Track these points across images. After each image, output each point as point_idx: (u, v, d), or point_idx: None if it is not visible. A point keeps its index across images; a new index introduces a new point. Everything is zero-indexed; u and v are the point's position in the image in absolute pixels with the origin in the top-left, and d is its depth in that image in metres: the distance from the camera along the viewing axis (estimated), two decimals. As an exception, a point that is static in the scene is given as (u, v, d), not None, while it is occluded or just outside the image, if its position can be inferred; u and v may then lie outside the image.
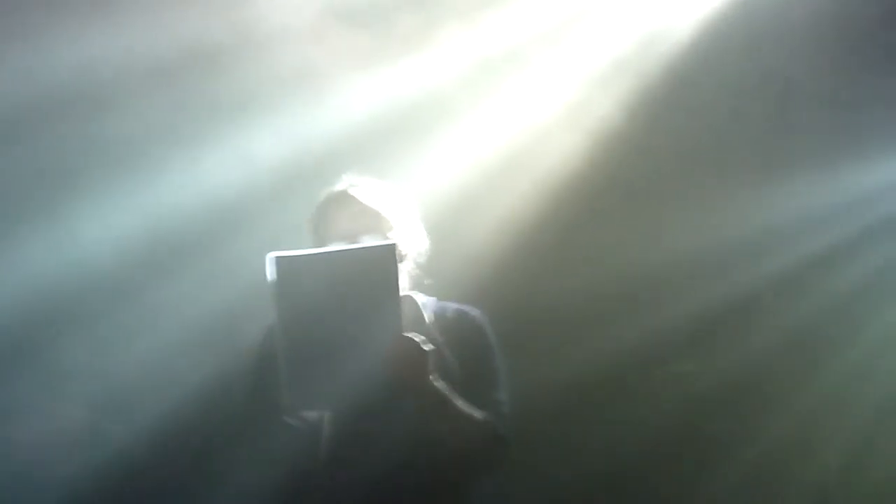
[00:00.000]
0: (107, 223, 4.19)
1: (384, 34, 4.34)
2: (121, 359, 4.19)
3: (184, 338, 4.14)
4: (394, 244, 2.70)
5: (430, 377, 2.74)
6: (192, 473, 4.04)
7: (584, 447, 4.37)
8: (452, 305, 3.05)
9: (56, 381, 4.18)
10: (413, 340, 2.71)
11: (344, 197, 2.98)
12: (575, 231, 4.42)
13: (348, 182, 3.03)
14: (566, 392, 4.35)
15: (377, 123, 4.23)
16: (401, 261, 2.88)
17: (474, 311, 3.05)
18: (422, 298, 3.02)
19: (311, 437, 2.80)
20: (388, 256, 2.66)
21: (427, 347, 2.72)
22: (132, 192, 4.20)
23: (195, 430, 4.07)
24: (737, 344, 4.44)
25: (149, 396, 4.16)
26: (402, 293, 2.84)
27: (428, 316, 2.97)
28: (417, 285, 3.04)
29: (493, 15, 4.39)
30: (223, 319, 4.09)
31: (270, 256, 2.60)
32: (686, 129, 4.50)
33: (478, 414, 2.85)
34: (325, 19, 4.31)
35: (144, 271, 4.24)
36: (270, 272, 2.59)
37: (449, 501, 2.91)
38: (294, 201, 3.26)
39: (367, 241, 2.82)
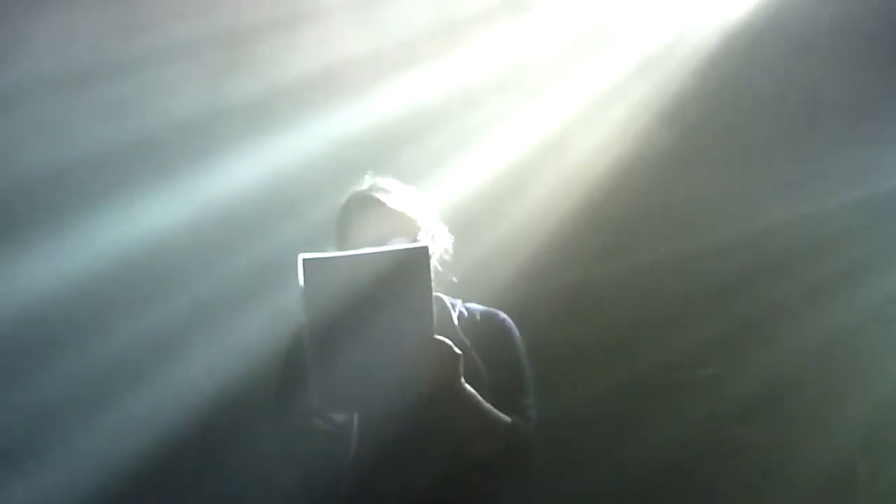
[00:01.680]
0: (127, 226, 4.19)
1: (407, 37, 4.31)
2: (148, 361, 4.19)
3: (212, 339, 4.14)
4: (426, 246, 2.68)
5: (460, 380, 2.72)
6: (220, 475, 4.04)
7: (610, 453, 4.34)
8: (479, 308, 3.04)
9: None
10: (445, 343, 2.69)
11: (369, 200, 2.94)
12: (600, 233, 4.40)
13: (370, 183, 3.00)
14: (594, 396, 4.33)
15: (400, 126, 4.22)
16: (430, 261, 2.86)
17: (502, 315, 3.03)
18: (448, 300, 3.01)
19: (340, 439, 2.77)
20: (420, 258, 2.63)
21: (458, 350, 2.70)
22: (152, 194, 4.20)
23: (223, 431, 4.06)
24: (768, 348, 4.41)
25: (176, 400, 4.16)
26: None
27: (455, 318, 2.96)
28: (442, 284, 3.01)
29: (516, 19, 4.38)
30: (251, 321, 4.07)
31: (300, 257, 2.58)
32: (712, 131, 4.47)
33: (505, 418, 2.83)
34: (347, 22, 4.29)
35: (167, 275, 4.24)
36: (299, 273, 2.57)
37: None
38: (319, 204, 3.24)
39: (398, 244, 2.80)
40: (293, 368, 2.80)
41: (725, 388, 4.37)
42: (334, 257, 2.65)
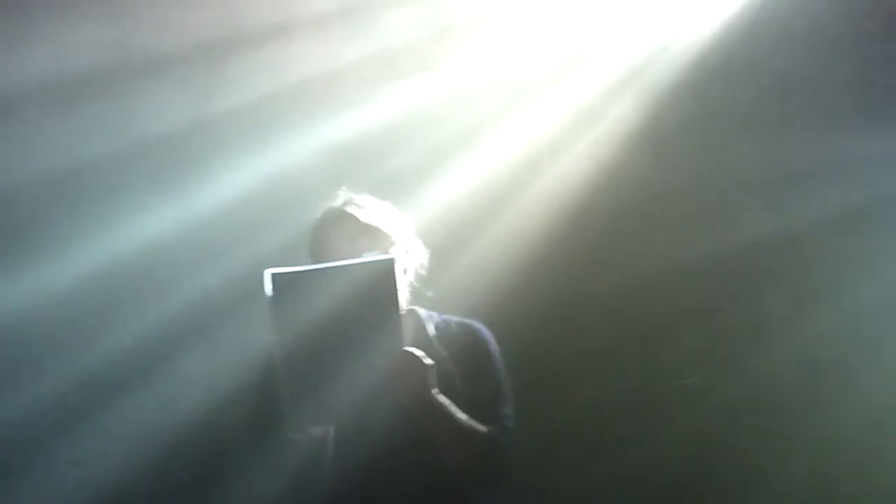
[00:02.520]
0: (111, 235, 4.21)
1: (396, 45, 4.33)
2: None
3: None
4: (393, 259, 2.70)
5: (433, 391, 2.74)
6: (197, 491, 4.04)
7: (594, 464, 4.34)
8: (455, 319, 3.05)
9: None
10: (414, 355, 2.71)
11: (342, 215, 2.96)
12: (587, 241, 4.40)
13: (344, 199, 3.02)
14: (577, 407, 4.33)
15: (376, 141, 4.23)
16: (402, 275, 2.87)
17: (478, 325, 3.05)
18: (424, 312, 3.02)
19: (315, 452, 2.79)
20: (387, 271, 2.65)
21: (428, 362, 2.72)
22: (134, 204, 4.22)
23: (199, 445, 4.07)
24: (751, 358, 4.41)
25: (168, 406, 4.19)
26: (404, 307, 2.86)
27: (431, 330, 2.97)
28: (419, 299, 3.03)
29: (505, 24, 4.37)
30: (228, 334, 4.09)
31: (267, 273, 2.60)
32: (701, 135, 4.47)
33: (481, 428, 2.84)
34: (336, 31, 4.31)
35: (146, 283, 4.25)
36: (267, 288, 2.59)
37: (453, 516, 2.89)
38: (295, 217, 3.25)
39: (367, 257, 2.81)
40: (267, 384, 2.81)
41: (709, 397, 4.36)
42: (301, 271, 2.66)
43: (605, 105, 4.38)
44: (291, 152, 4.21)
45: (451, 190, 4.23)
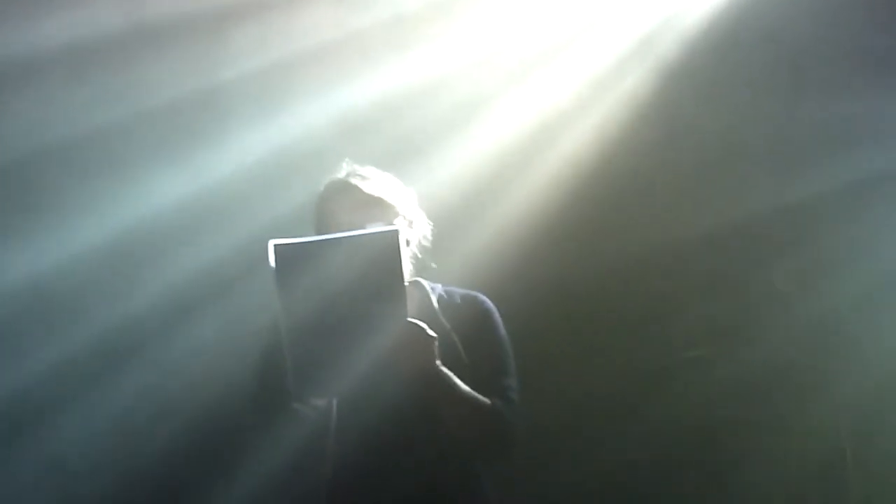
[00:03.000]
0: (103, 215, 4.21)
1: (404, 13, 4.31)
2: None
3: (194, 326, 4.17)
4: (397, 230, 2.68)
5: (436, 363, 2.74)
6: (202, 463, 4.06)
7: (602, 438, 4.35)
8: (459, 291, 3.05)
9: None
10: (418, 326, 2.71)
11: (345, 187, 2.95)
12: (590, 217, 4.38)
13: (348, 170, 3.01)
14: (583, 381, 4.34)
15: (384, 111, 4.22)
16: (405, 246, 2.86)
17: (481, 297, 3.04)
18: (428, 284, 3.02)
19: (319, 424, 2.79)
20: (391, 242, 2.64)
21: (432, 333, 2.71)
22: (127, 182, 4.22)
23: (204, 416, 4.08)
24: (759, 331, 4.40)
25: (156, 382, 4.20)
26: (408, 279, 2.86)
27: (434, 302, 2.97)
28: (422, 271, 3.03)
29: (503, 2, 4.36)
30: (229, 307, 4.10)
31: (271, 244, 2.60)
32: (712, 105, 4.45)
33: (485, 400, 2.84)
34: (328, 5, 4.29)
35: (145, 262, 4.26)
36: (271, 259, 2.58)
37: (457, 488, 2.89)
38: (296, 190, 3.25)
39: (371, 228, 2.80)
40: (272, 354, 2.82)
41: (717, 370, 4.36)
42: (305, 242, 2.66)
43: (614, 76, 4.36)
44: (299, 122, 4.21)
45: (458, 161, 4.22)
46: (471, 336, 2.92)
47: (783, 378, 4.39)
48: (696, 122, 4.41)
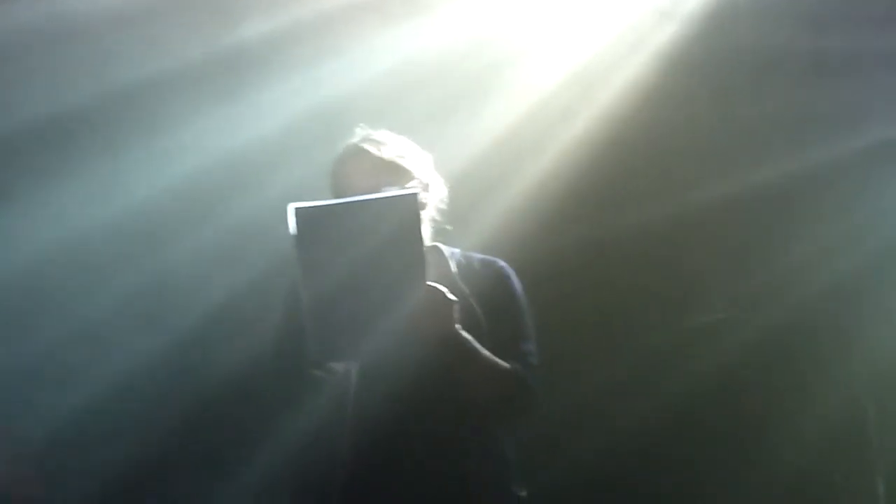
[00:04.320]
0: (119, 178, 4.22)
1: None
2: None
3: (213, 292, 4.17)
4: (416, 193, 2.67)
5: (456, 327, 2.73)
6: (217, 429, 4.08)
7: (621, 402, 4.35)
8: (478, 256, 3.04)
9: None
10: (438, 290, 2.69)
11: (360, 151, 2.94)
12: (612, 183, 4.38)
13: (363, 135, 3.00)
14: (603, 347, 4.34)
15: (400, 78, 4.20)
16: (422, 209, 2.85)
17: (500, 262, 3.03)
18: (447, 249, 3.01)
19: (338, 388, 2.79)
20: (410, 205, 2.63)
21: (452, 297, 2.70)
22: (144, 147, 4.21)
23: (224, 382, 4.10)
24: (777, 294, 4.39)
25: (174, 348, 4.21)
26: (427, 243, 2.85)
27: (453, 266, 2.96)
28: (440, 235, 3.02)
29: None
30: (246, 274, 4.10)
31: (291, 207, 2.59)
32: (731, 75, 4.42)
33: (505, 364, 2.83)
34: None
35: (162, 229, 4.27)
36: (291, 223, 2.58)
37: (478, 452, 2.88)
38: (314, 155, 3.23)
39: (388, 191, 2.79)
40: (291, 319, 2.81)
41: (735, 333, 4.35)
42: (324, 205, 2.64)
43: (643, 32, 4.33)
44: (306, 94, 4.20)
45: (478, 127, 4.21)
46: (490, 301, 2.91)
47: (805, 341, 4.38)
48: (717, 88, 4.38)
